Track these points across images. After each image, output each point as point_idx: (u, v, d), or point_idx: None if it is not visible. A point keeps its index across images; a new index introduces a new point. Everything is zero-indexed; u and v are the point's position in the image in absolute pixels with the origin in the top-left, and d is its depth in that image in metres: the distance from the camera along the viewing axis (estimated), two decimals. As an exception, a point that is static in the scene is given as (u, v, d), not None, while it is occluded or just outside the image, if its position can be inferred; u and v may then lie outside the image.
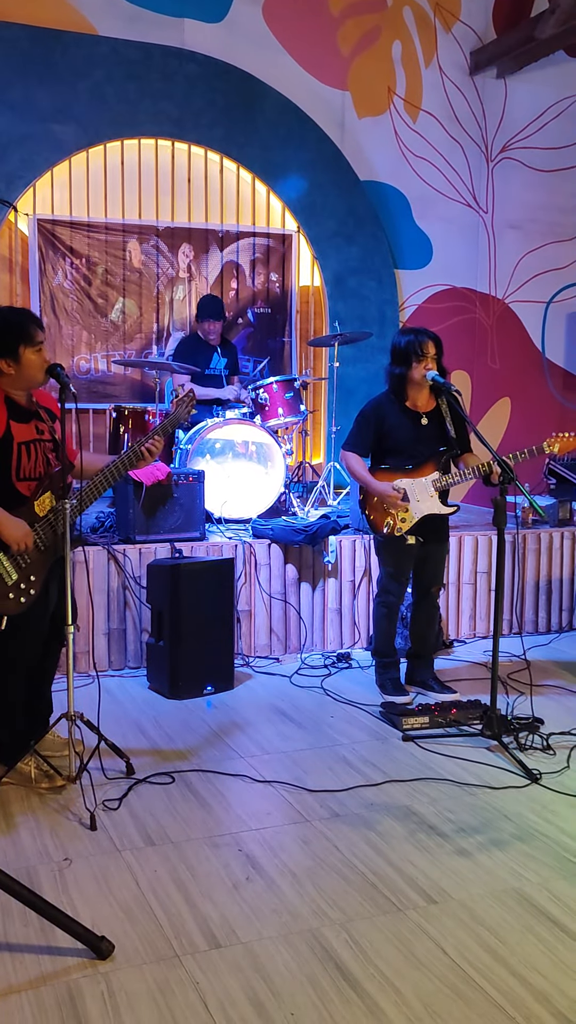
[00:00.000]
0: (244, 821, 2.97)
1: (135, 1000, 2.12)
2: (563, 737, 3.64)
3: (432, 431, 3.95)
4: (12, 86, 5.47)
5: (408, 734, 3.65)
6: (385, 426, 3.94)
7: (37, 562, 3.04)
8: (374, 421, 3.95)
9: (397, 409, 3.94)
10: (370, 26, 6.35)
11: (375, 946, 2.33)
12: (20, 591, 3.00)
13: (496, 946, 2.34)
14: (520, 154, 6.89)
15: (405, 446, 3.93)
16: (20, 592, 3.00)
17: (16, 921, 2.38)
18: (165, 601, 4.08)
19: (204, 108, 5.90)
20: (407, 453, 3.93)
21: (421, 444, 3.93)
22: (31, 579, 3.03)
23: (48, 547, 3.07)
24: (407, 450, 3.93)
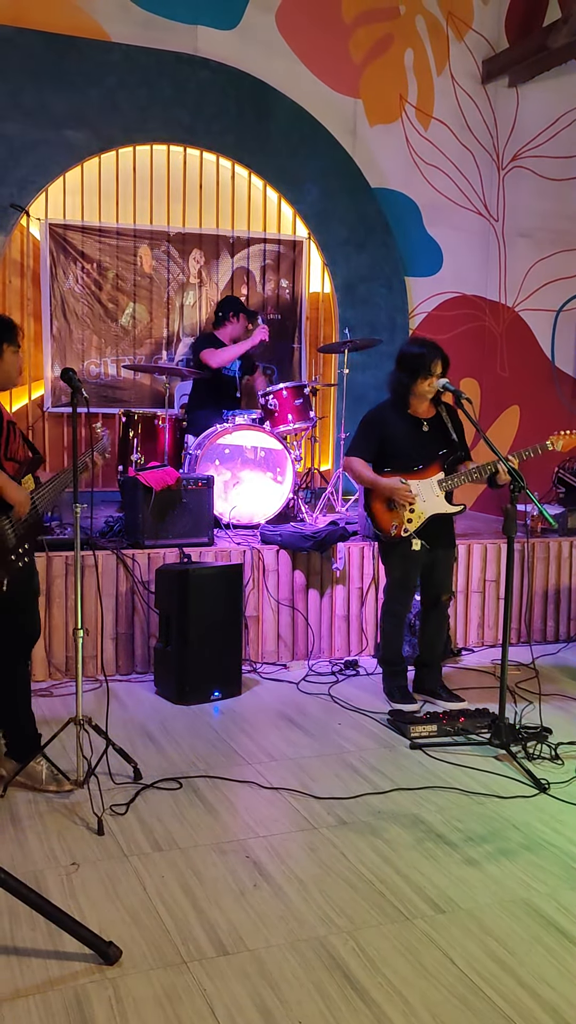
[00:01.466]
0: (251, 828, 2.97)
1: (142, 1006, 2.12)
2: (572, 747, 3.63)
3: (433, 437, 4.00)
4: (26, 91, 5.50)
5: (416, 742, 3.65)
6: (388, 433, 3.99)
7: (25, 535, 3.15)
8: (378, 428, 4.01)
9: (399, 416, 4.00)
10: (382, 34, 6.37)
11: (382, 955, 2.32)
12: (18, 555, 3.10)
13: (504, 956, 2.34)
14: (531, 163, 6.90)
15: (408, 451, 3.98)
16: (18, 556, 3.10)
17: (24, 925, 2.39)
18: (173, 606, 4.09)
19: (216, 114, 5.92)
20: (409, 458, 3.97)
21: (423, 449, 3.98)
22: (25, 547, 3.13)
23: (33, 523, 3.19)
24: (409, 455, 3.98)
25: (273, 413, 5.22)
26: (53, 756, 3.22)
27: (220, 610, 4.14)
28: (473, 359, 6.75)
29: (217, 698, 4.13)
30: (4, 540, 3.05)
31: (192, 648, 4.05)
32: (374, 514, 4.03)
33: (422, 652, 4.23)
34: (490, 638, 5.11)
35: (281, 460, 5.07)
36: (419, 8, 6.45)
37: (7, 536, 3.06)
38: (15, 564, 3.09)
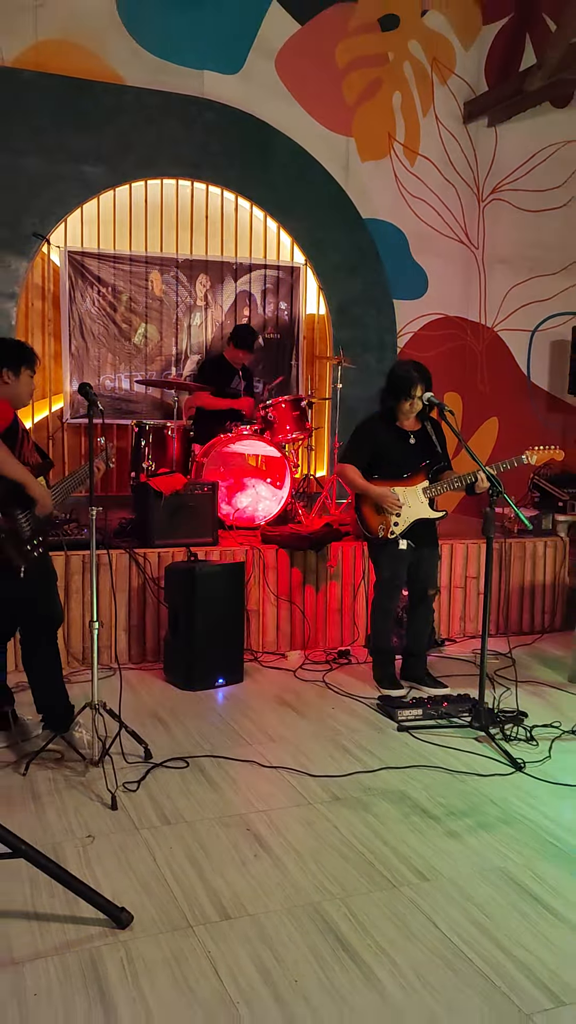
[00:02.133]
0: (252, 803, 2.96)
1: (152, 966, 2.12)
2: (545, 729, 3.63)
3: (418, 449, 4.02)
4: (46, 131, 5.50)
5: (403, 725, 3.64)
6: (378, 443, 4.00)
7: (39, 528, 3.20)
8: (369, 438, 4.02)
9: (388, 428, 4.02)
10: (372, 78, 6.38)
11: (372, 919, 2.32)
12: (33, 546, 3.15)
13: (483, 921, 2.33)
14: (509, 196, 6.91)
15: (395, 461, 3.99)
16: (33, 547, 3.15)
17: (43, 892, 2.38)
18: (181, 601, 4.09)
19: (221, 151, 5.92)
20: (397, 467, 3.98)
21: (409, 459, 4.00)
22: (39, 539, 3.18)
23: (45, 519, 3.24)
24: (397, 464, 3.99)
25: (272, 424, 5.21)
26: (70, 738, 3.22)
27: (224, 604, 4.13)
28: (456, 375, 6.75)
29: (221, 684, 4.12)
30: (20, 532, 3.11)
31: (198, 639, 4.04)
32: (364, 517, 4.04)
33: (409, 643, 4.22)
34: (471, 630, 5.11)
35: (280, 467, 5.06)
36: (406, 55, 6.45)
37: (23, 528, 3.11)
38: (31, 554, 3.13)
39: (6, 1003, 1.99)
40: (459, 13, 6.50)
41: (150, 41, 5.74)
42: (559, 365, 7.13)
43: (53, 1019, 1.95)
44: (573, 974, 2.13)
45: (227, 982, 2.06)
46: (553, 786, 3.14)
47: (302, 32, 6.10)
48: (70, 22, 5.53)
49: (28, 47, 5.48)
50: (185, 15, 5.77)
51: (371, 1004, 2.02)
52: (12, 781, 3.06)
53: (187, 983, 2.06)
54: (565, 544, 5.35)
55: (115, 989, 2.04)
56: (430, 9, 6.43)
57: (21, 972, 2.09)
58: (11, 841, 2.24)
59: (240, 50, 5.97)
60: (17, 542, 3.10)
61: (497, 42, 6.66)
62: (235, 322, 5.99)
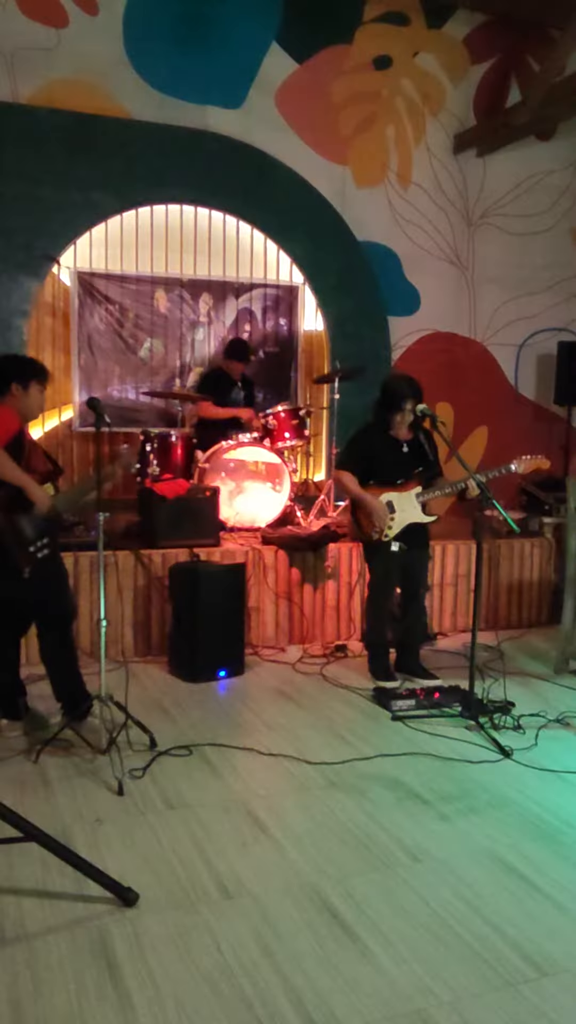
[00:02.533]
0: (252, 789, 2.95)
1: (157, 942, 2.10)
2: (532, 718, 3.61)
3: (411, 457, 4.02)
4: (58, 161, 5.53)
5: (397, 715, 3.63)
6: (373, 451, 4.00)
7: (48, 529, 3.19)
8: (364, 446, 4.02)
9: (382, 437, 4.02)
10: (367, 112, 6.41)
11: (367, 898, 2.30)
12: (37, 548, 3.13)
13: (472, 898, 2.32)
14: (497, 220, 6.94)
15: (389, 467, 3.99)
16: (37, 549, 3.13)
17: (53, 873, 2.37)
18: (185, 598, 4.08)
19: (223, 179, 5.94)
20: (391, 474, 3.98)
21: (402, 467, 4.00)
22: (45, 540, 3.16)
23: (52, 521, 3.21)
24: (391, 471, 3.98)
25: (272, 431, 5.22)
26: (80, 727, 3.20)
27: (225, 602, 4.11)
28: (447, 386, 6.75)
29: (223, 677, 4.10)
30: (23, 533, 3.09)
31: (201, 634, 4.03)
32: (359, 521, 4.04)
33: (402, 636, 4.21)
34: (462, 624, 5.09)
35: (279, 472, 5.06)
36: (399, 91, 6.49)
37: (25, 530, 3.10)
38: (34, 556, 3.12)
39: (20, 974, 1.98)
40: (448, 55, 6.56)
41: (156, 79, 5.78)
42: (545, 377, 7.15)
43: (64, 990, 1.93)
44: (556, 947, 2.12)
45: (229, 957, 2.05)
46: (539, 772, 3.12)
47: (300, 71, 6.14)
48: (80, 62, 5.58)
49: (41, 86, 5.52)
50: (189, 55, 5.81)
51: (366, 976, 2.00)
52: (24, 768, 3.05)
53: (191, 958, 2.05)
54: (551, 544, 5.35)
55: (123, 963, 2.02)
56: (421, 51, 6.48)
57: (33, 946, 2.08)
58: (23, 826, 2.23)
59: (241, 87, 6.01)
60: (20, 544, 3.08)
61: (484, 80, 6.72)
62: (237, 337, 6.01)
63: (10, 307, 5.47)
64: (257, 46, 6.01)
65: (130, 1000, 1.90)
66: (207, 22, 5.82)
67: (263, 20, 5.98)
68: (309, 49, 6.14)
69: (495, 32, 6.66)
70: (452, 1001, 1.92)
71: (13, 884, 2.33)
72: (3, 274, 5.44)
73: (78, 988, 1.94)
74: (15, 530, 3.07)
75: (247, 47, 5.98)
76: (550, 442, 7.19)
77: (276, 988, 1.95)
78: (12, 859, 2.43)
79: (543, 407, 7.22)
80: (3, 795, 2.74)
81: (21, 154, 5.44)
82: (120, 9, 5.64)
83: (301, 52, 6.13)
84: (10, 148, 5.41)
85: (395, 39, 6.38)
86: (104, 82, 5.66)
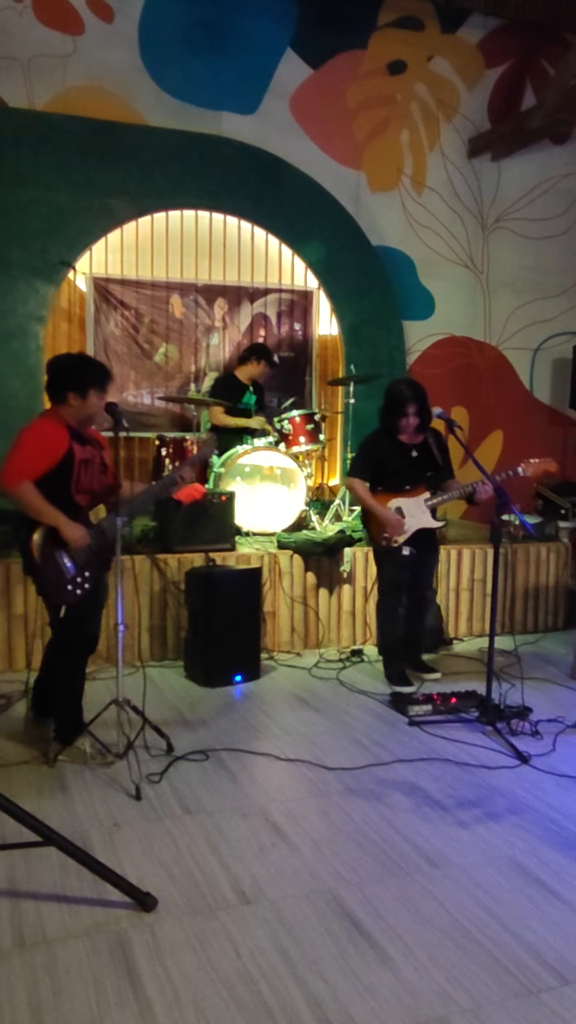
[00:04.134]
0: (270, 794, 2.94)
1: (176, 947, 2.10)
2: (550, 724, 3.59)
3: (420, 461, 4.01)
4: (74, 167, 5.58)
5: (414, 720, 3.61)
6: (382, 457, 3.99)
7: (90, 561, 3.09)
8: (373, 452, 4.01)
9: (391, 443, 4.01)
10: (382, 117, 6.43)
11: (386, 904, 2.30)
12: (76, 584, 3.05)
13: (492, 905, 2.30)
14: (511, 224, 6.93)
15: (398, 474, 3.98)
16: (76, 585, 3.05)
17: (73, 877, 2.37)
18: (201, 603, 4.08)
19: (238, 184, 5.97)
20: (400, 479, 3.98)
21: (411, 472, 3.99)
22: (85, 575, 3.07)
23: (99, 550, 3.12)
24: (400, 477, 3.98)
25: (287, 436, 5.22)
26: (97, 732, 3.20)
27: (241, 606, 4.12)
28: (462, 390, 6.75)
29: (239, 682, 4.11)
30: (62, 573, 3.00)
31: (217, 639, 4.04)
32: (370, 528, 4.04)
33: (406, 633, 4.19)
34: (478, 629, 5.07)
35: (294, 476, 5.07)
36: (413, 96, 6.50)
37: (64, 569, 3.00)
38: (72, 593, 3.02)
39: (40, 979, 1.99)
40: (463, 59, 6.56)
41: (171, 85, 5.82)
42: (560, 381, 7.12)
43: (84, 994, 1.94)
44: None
45: (248, 962, 2.05)
46: (558, 778, 3.10)
47: (315, 76, 6.17)
48: (96, 70, 5.63)
49: (58, 93, 5.58)
50: (205, 61, 5.85)
51: (385, 982, 1.99)
52: (41, 773, 3.06)
53: (210, 962, 2.05)
54: (567, 549, 5.32)
55: (142, 967, 2.02)
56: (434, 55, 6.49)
57: (53, 951, 2.08)
58: (42, 830, 2.24)
59: (256, 93, 6.04)
60: (57, 586, 2.98)
61: (499, 85, 6.72)
62: (251, 342, 6.03)
63: (26, 312, 5.51)
64: (272, 52, 6.04)
65: (149, 1005, 1.90)
66: (222, 29, 5.86)
67: (278, 26, 6.01)
68: (324, 55, 6.17)
69: (509, 36, 6.66)
70: (473, 1008, 1.91)
71: (32, 889, 2.34)
72: (20, 280, 5.49)
73: (98, 993, 1.94)
74: (54, 568, 2.97)
75: (262, 53, 6.01)
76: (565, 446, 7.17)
77: (295, 994, 1.95)
78: (31, 864, 2.44)
79: (558, 411, 7.19)
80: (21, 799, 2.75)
81: (38, 160, 5.49)
82: (136, 16, 5.69)
83: (316, 58, 6.15)
84: (27, 154, 5.47)
85: (409, 44, 6.39)
86: (120, 89, 5.71)
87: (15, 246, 5.47)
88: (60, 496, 3.03)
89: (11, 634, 4.21)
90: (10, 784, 2.95)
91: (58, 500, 3.02)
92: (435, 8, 6.39)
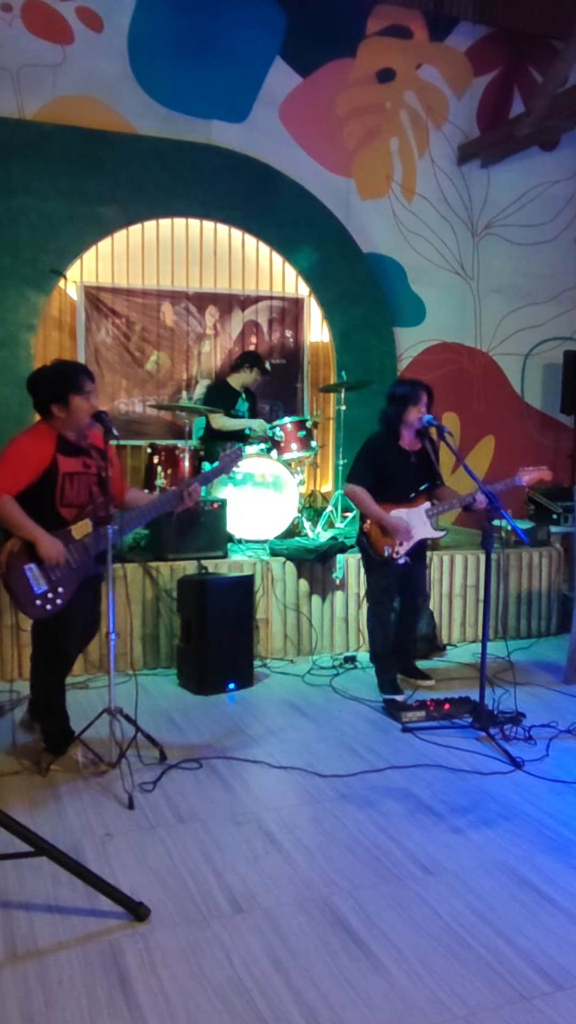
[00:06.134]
0: (263, 802, 2.94)
1: (169, 956, 2.10)
2: (543, 729, 3.60)
3: (419, 468, 3.99)
4: (64, 176, 5.59)
5: (407, 726, 3.62)
6: (384, 463, 3.95)
7: (67, 577, 3.04)
8: (376, 458, 3.96)
9: (392, 448, 3.97)
10: (371, 125, 6.47)
11: (379, 911, 2.30)
12: (47, 600, 3.00)
13: (485, 911, 2.31)
14: (501, 231, 6.98)
15: (400, 481, 3.95)
16: (46, 601, 3.00)
17: (65, 887, 2.37)
18: (193, 610, 4.09)
19: (228, 192, 6.00)
20: (402, 487, 3.95)
21: (410, 479, 3.96)
22: (58, 590, 3.02)
23: (79, 566, 3.07)
24: (402, 484, 3.95)
25: (279, 443, 5.24)
26: (89, 741, 3.20)
27: (234, 613, 4.12)
28: (453, 396, 6.78)
29: (232, 689, 4.11)
30: (29, 588, 2.96)
31: (210, 646, 4.04)
32: (370, 538, 3.97)
33: (397, 640, 4.20)
34: (471, 635, 5.08)
35: (287, 483, 5.08)
36: (402, 104, 6.55)
37: (30, 584, 2.96)
38: (41, 608, 2.98)
39: (32, 990, 1.98)
40: (451, 67, 6.62)
41: (161, 94, 5.85)
42: (551, 386, 7.16)
43: (76, 1004, 1.93)
44: (570, 960, 2.11)
45: (241, 971, 2.05)
46: (551, 783, 3.11)
47: (304, 84, 6.21)
48: (86, 79, 5.65)
49: (47, 103, 5.60)
50: (194, 69, 5.88)
51: (379, 990, 2.00)
52: (34, 783, 3.05)
53: (203, 972, 2.04)
54: (560, 554, 5.34)
55: (134, 977, 2.02)
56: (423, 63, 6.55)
57: (45, 961, 2.08)
58: (34, 840, 2.23)
59: (246, 101, 6.08)
60: (23, 601, 2.95)
61: (488, 92, 6.78)
62: (242, 349, 6.05)
63: (17, 321, 5.52)
64: (261, 60, 6.08)
65: (142, 1015, 1.90)
66: (211, 37, 5.90)
67: (267, 34, 6.06)
68: (313, 63, 6.22)
69: (498, 44, 6.73)
70: (466, 1015, 1.91)
71: (24, 899, 2.33)
72: (10, 288, 5.49)
73: (90, 1003, 1.94)
74: (21, 582, 2.94)
75: (251, 61, 6.05)
76: (557, 451, 7.20)
77: (289, 1002, 1.95)
78: (23, 874, 2.43)
79: (550, 416, 7.23)
80: (13, 809, 2.75)
81: (28, 170, 5.51)
82: (125, 25, 5.73)
83: (305, 66, 6.20)
84: (17, 164, 5.48)
85: (398, 52, 6.45)
86: (109, 98, 5.73)
87: (5, 255, 5.48)
88: (44, 509, 3.01)
89: (1, 644, 4.20)
90: (2, 794, 2.94)
91: (42, 513, 2.99)
92: (424, 16, 6.45)
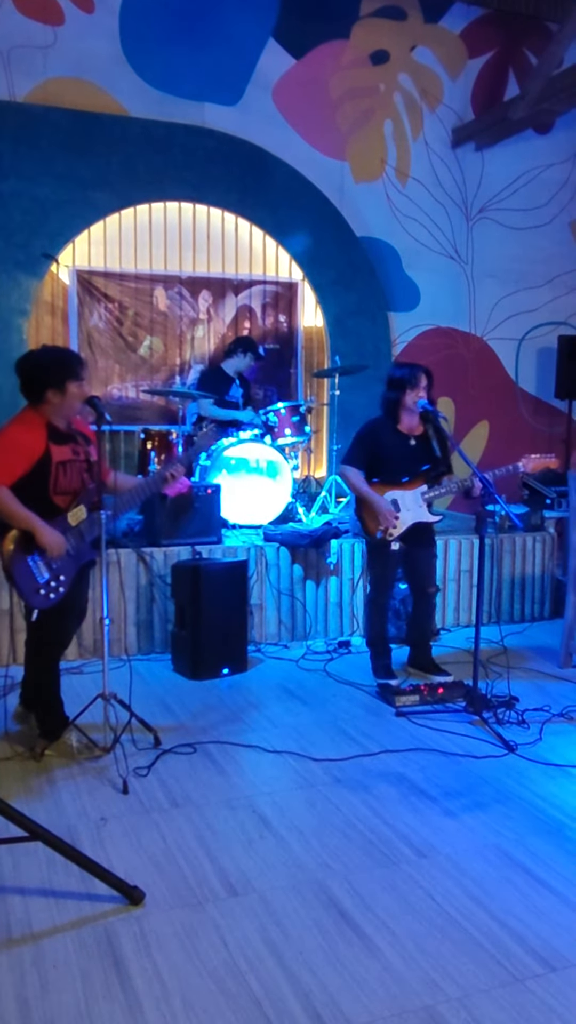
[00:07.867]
0: (257, 786, 2.94)
1: (164, 940, 2.10)
2: (536, 713, 3.60)
3: (419, 452, 3.93)
4: (56, 160, 5.51)
5: (401, 711, 3.62)
6: (379, 445, 3.91)
7: (67, 565, 3.04)
8: (370, 440, 3.92)
9: (390, 431, 3.93)
10: (365, 107, 6.39)
11: (373, 894, 2.30)
12: (50, 588, 3.00)
13: (478, 894, 2.31)
14: (495, 214, 6.92)
15: (396, 463, 3.90)
16: (50, 590, 3.00)
17: (60, 872, 2.36)
18: (187, 596, 4.07)
19: (221, 176, 5.93)
20: (397, 469, 3.91)
21: (409, 462, 3.91)
22: (60, 579, 3.02)
23: (76, 553, 3.08)
24: (397, 467, 3.91)
25: (273, 428, 5.20)
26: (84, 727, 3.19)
27: (228, 599, 4.11)
28: (448, 381, 6.74)
29: (226, 674, 4.10)
30: (33, 578, 2.95)
31: (204, 632, 4.03)
32: (363, 519, 3.97)
33: (412, 633, 4.19)
34: (465, 620, 5.08)
35: (281, 469, 5.05)
36: (396, 86, 6.47)
37: (34, 575, 2.95)
38: (45, 598, 2.98)
39: (27, 973, 1.98)
40: (446, 49, 6.54)
41: (153, 76, 5.76)
42: (546, 371, 7.14)
43: (72, 988, 1.93)
44: (563, 942, 2.11)
45: (236, 955, 2.04)
46: (544, 766, 3.11)
47: (298, 66, 6.12)
48: (77, 60, 5.56)
49: (39, 85, 5.51)
50: (186, 51, 5.79)
51: (373, 972, 2.00)
52: (28, 768, 3.04)
53: (198, 955, 2.04)
54: (553, 539, 5.34)
55: (129, 961, 2.02)
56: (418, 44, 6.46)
57: (40, 945, 2.07)
58: (28, 825, 2.23)
59: (239, 83, 5.99)
60: (28, 591, 2.93)
61: (482, 75, 6.70)
62: (236, 334, 5.99)
63: (9, 306, 5.46)
64: (254, 42, 5.99)
65: (137, 999, 1.90)
66: (204, 18, 5.81)
67: (260, 16, 5.97)
68: (306, 45, 6.13)
69: (492, 26, 6.64)
70: (460, 997, 1.92)
71: (19, 883, 2.33)
72: (2, 273, 5.43)
73: (85, 987, 1.93)
74: (25, 574, 2.92)
75: (244, 43, 5.96)
76: (551, 436, 7.19)
77: (283, 985, 1.94)
78: (18, 858, 2.43)
79: (544, 401, 7.21)
80: (8, 794, 2.74)
81: (19, 153, 5.42)
82: (116, 6, 5.63)
83: (298, 48, 6.11)
84: (8, 147, 5.40)
85: (392, 34, 6.36)
86: (101, 79, 5.64)
87: (-4, 239, 5.41)
88: (38, 498, 2.99)
89: (-4, 630, 4.18)
90: (-4, 780, 2.93)
91: (36, 502, 2.97)
92: (417, -3, 6.36)
